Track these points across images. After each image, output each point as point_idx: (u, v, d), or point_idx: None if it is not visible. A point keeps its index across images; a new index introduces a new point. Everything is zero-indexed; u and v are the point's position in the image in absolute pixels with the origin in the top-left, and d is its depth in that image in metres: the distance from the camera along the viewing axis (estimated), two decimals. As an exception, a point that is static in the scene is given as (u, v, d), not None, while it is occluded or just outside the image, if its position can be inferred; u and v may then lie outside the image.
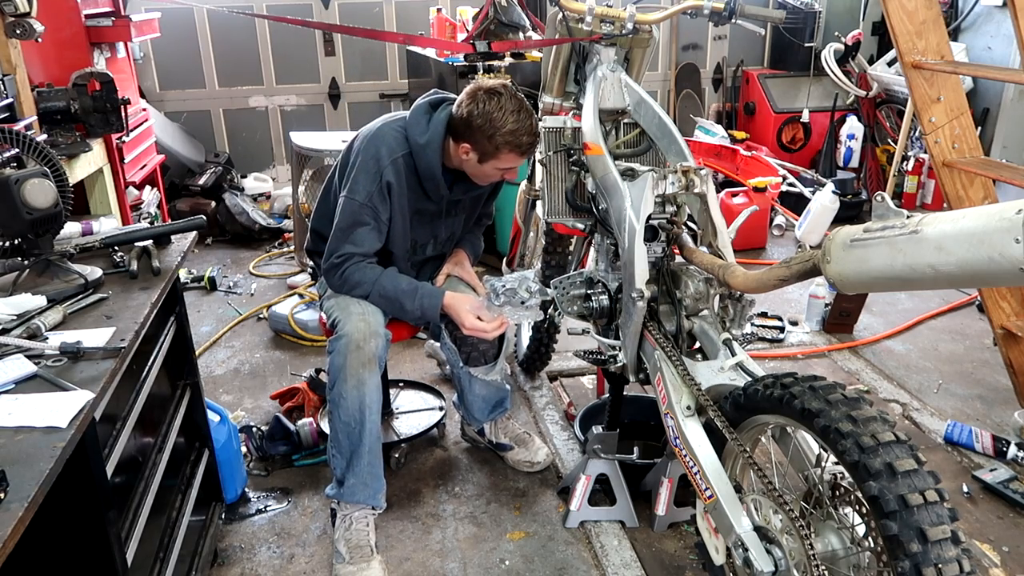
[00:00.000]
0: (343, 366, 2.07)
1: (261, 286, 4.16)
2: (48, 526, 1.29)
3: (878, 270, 1.26)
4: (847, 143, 5.35)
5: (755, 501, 1.61)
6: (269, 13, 5.38)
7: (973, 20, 4.99)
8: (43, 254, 1.68)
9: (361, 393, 2.07)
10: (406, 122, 2.14)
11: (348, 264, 2.12)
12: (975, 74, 3.57)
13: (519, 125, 2.04)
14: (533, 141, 2.10)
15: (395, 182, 2.12)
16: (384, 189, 2.11)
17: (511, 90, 2.08)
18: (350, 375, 2.06)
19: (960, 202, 2.52)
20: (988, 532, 2.25)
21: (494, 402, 2.48)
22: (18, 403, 1.24)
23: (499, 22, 4.00)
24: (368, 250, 2.14)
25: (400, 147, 2.12)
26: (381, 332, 2.13)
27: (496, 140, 2.04)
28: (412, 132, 2.12)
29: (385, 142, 2.12)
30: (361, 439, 2.10)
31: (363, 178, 2.11)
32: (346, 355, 2.07)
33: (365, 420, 2.09)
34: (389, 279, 2.14)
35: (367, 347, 2.08)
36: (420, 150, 2.11)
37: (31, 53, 3.04)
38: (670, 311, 1.93)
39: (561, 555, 2.20)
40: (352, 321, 2.10)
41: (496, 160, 2.09)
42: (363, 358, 2.07)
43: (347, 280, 2.13)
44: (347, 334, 2.09)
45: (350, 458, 2.12)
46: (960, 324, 3.58)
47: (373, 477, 2.15)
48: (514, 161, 2.10)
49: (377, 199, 2.11)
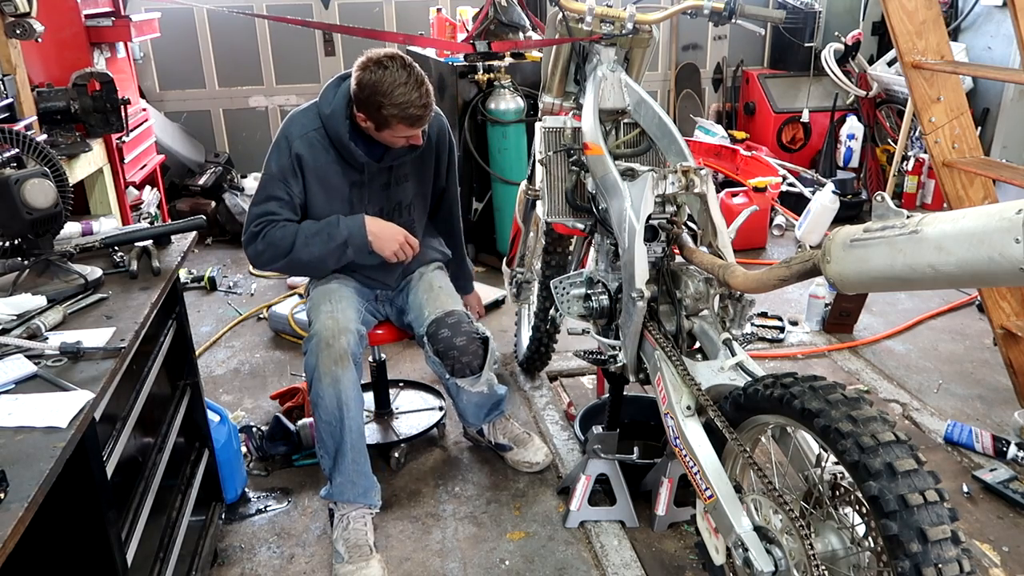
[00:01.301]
0: (316, 365, 2.10)
1: (261, 286, 4.16)
2: (48, 526, 1.29)
3: (878, 270, 1.26)
4: (847, 143, 5.35)
5: (755, 501, 1.61)
6: (269, 13, 5.37)
7: (973, 20, 4.99)
8: (43, 254, 1.68)
9: (337, 390, 2.08)
10: (318, 102, 2.22)
11: (267, 227, 2.17)
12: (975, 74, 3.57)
13: (406, 98, 2.03)
14: (422, 113, 2.08)
15: (307, 154, 2.18)
16: (294, 162, 2.17)
17: (401, 60, 2.06)
18: (324, 373, 2.08)
19: (960, 202, 2.52)
20: (988, 532, 2.25)
21: (488, 406, 2.48)
22: (18, 403, 1.24)
23: (499, 22, 4.01)
24: (285, 218, 2.19)
25: (311, 123, 2.20)
26: (352, 328, 2.14)
27: (384, 112, 2.06)
28: (321, 106, 2.20)
29: (296, 121, 2.22)
30: (343, 436, 2.11)
31: (275, 154, 2.20)
32: (317, 354, 2.10)
33: (344, 417, 2.10)
34: (308, 223, 2.20)
35: (337, 344, 2.09)
36: (327, 120, 2.18)
37: (31, 53, 3.04)
38: (670, 311, 1.93)
39: (561, 555, 2.20)
40: (320, 319, 2.13)
41: (391, 130, 2.11)
42: (334, 355, 2.08)
43: (269, 242, 2.16)
44: (316, 332, 2.11)
45: (335, 456, 2.14)
46: (960, 324, 3.57)
47: (360, 475, 2.16)
48: (407, 131, 2.12)
49: (288, 172, 2.18)
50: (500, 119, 3.94)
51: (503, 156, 4.00)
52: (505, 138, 3.97)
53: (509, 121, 3.94)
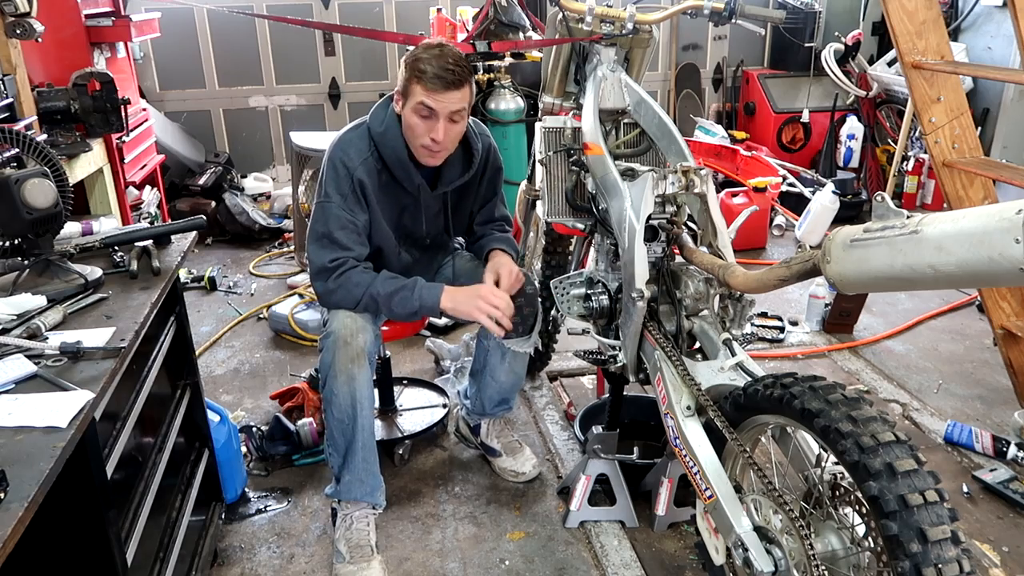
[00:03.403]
0: (332, 362, 2.08)
1: (261, 286, 4.16)
2: (48, 526, 1.29)
3: (878, 270, 1.26)
4: (847, 143, 5.35)
5: (755, 501, 1.61)
6: (269, 13, 5.38)
7: (973, 20, 4.99)
8: (43, 254, 1.68)
9: (352, 388, 2.08)
10: (368, 121, 2.16)
11: (342, 267, 2.09)
12: (975, 74, 3.57)
13: (427, 55, 2.01)
14: (438, 73, 1.99)
15: (368, 180, 2.11)
16: (358, 189, 2.11)
17: (445, 44, 2.07)
18: (340, 371, 2.07)
19: (960, 202, 2.52)
20: (988, 532, 2.25)
21: (507, 394, 2.46)
22: (18, 403, 1.24)
23: (499, 22, 4.01)
24: (359, 254, 2.13)
25: (367, 146, 2.13)
26: (369, 328, 2.13)
27: (407, 73, 2.04)
28: (373, 125, 2.14)
29: (352, 145, 2.13)
30: (354, 435, 2.11)
31: (333, 181, 2.11)
32: (334, 351, 2.08)
33: (357, 416, 2.09)
34: (385, 277, 2.13)
35: (355, 342, 2.08)
36: (381, 139, 2.12)
37: (31, 53, 3.04)
38: (670, 311, 1.93)
39: (561, 555, 2.20)
40: (339, 318, 2.12)
41: (412, 98, 2.04)
42: (351, 353, 2.08)
43: (342, 284, 2.09)
44: (334, 331, 2.10)
45: (345, 454, 2.13)
46: (960, 324, 3.57)
47: (369, 474, 2.16)
48: (422, 95, 2.01)
49: (353, 203, 2.11)
50: (500, 119, 3.94)
51: (503, 156, 3.99)
52: (505, 138, 3.98)
53: (509, 121, 3.94)
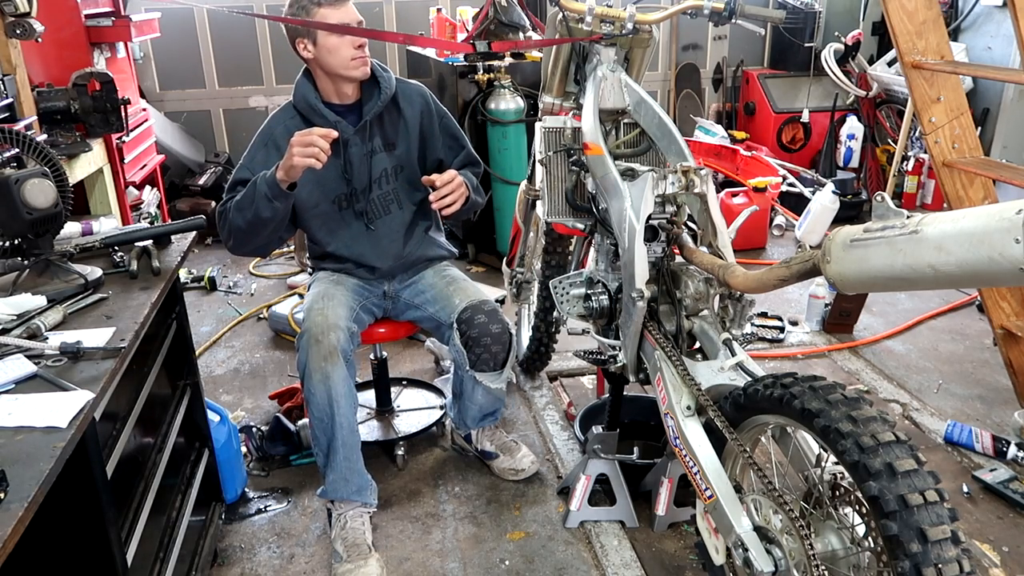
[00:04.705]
0: (306, 361, 2.11)
1: (261, 286, 4.17)
2: (48, 526, 1.29)
3: (878, 270, 1.26)
4: (847, 143, 5.35)
5: (755, 501, 1.61)
6: (269, 13, 5.37)
7: (973, 20, 4.99)
8: (43, 254, 1.68)
9: (327, 387, 2.08)
10: None
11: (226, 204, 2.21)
12: (975, 74, 3.57)
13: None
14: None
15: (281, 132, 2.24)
16: (270, 144, 2.25)
17: None
18: (314, 370, 2.09)
19: (960, 202, 2.52)
20: (988, 532, 2.25)
21: (489, 411, 2.48)
22: (18, 403, 1.24)
23: (499, 22, 4.01)
24: None
25: (289, 111, 2.31)
26: (342, 325, 2.14)
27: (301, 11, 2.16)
28: (292, 96, 2.30)
29: (276, 116, 2.32)
30: (334, 433, 2.12)
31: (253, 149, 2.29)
32: (308, 350, 2.11)
33: (335, 414, 2.10)
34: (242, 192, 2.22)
35: (326, 340, 2.10)
36: (296, 96, 2.28)
37: (31, 53, 3.04)
38: (670, 311, 1.92)
39: (561, 555, 2.20)
40: (311, 316, 2.15)
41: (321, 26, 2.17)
42: (323, 352, 2.09)
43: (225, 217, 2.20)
44: (306, 330, 2.13)
45: (327, 452, 2.15)
46: (960, 324, 3.57)
47: (353, 472, 2.16)
48: (330, 15, 2.20)
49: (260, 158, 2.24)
50: (500, 119, 3.94)
51: (503, 156, 4.01)
52: (505, 138, 3.97)
53: (509, 121, 3.94)
